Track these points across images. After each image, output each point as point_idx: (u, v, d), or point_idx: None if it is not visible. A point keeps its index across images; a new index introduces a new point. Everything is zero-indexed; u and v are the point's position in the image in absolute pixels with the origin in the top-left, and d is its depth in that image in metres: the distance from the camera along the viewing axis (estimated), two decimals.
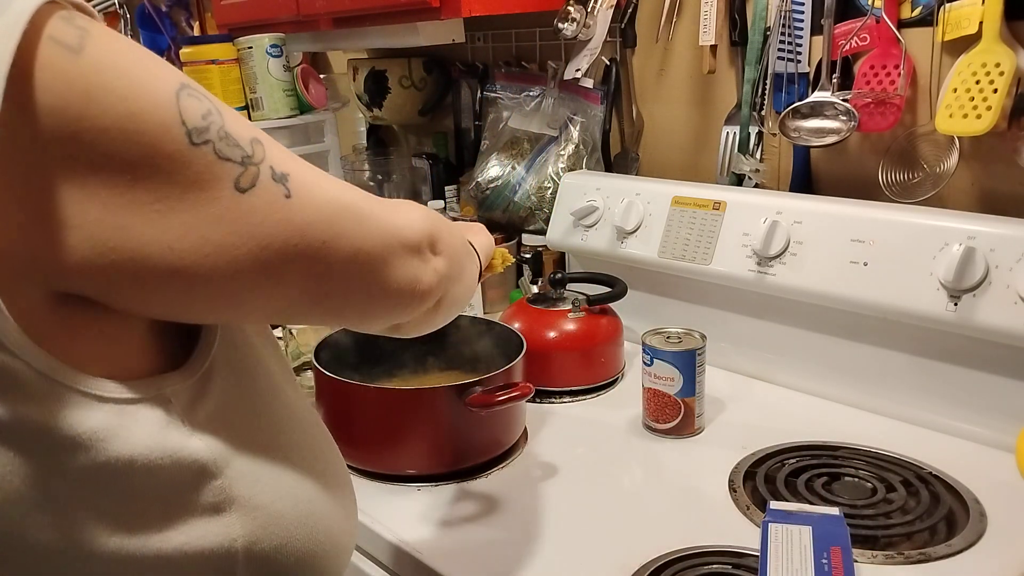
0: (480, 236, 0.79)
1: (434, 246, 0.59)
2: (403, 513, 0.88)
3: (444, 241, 0.60)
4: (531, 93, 1.51)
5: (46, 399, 0.41)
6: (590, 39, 1.35)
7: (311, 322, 0.56)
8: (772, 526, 0.76)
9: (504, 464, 0.96)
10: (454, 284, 0.63)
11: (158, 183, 0.41)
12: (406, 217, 0.56)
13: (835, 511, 0.78)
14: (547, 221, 1.41)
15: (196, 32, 2.23)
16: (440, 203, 1.46)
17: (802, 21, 1.14)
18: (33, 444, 0.41)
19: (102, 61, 0.40)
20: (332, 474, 0.57)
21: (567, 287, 1.19)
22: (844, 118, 1.08)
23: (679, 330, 1.03)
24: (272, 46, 1.58)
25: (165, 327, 0.48)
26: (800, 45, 1.15)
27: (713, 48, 1.24)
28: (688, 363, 0.98)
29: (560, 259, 1.46)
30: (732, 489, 0.88)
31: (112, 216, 0.40)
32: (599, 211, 1.28)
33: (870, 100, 1.06)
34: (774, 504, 0.80)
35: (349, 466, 0.95)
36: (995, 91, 0.94)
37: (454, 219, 1.54)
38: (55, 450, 0.41)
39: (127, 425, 0.43)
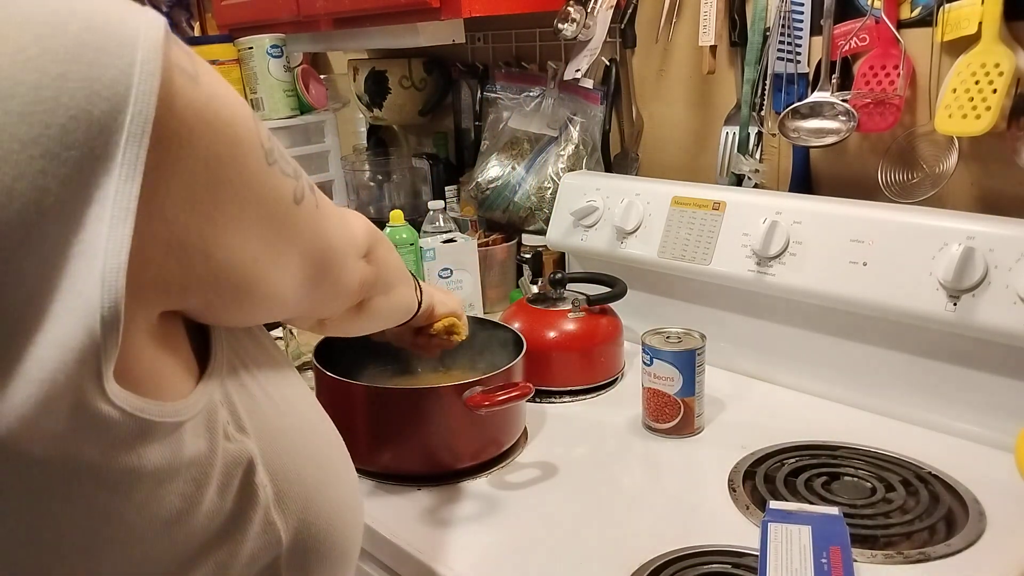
0: (442, 295, 0.90)
1: (368, 255, 0.66)
2: (403, 513, 0.88)
3: (377, 253, 0.67)
4: (531, 93, 1.51)
5: (138, 439, 0.40)
6: (590, 39, 1.35)
7: (296, 314, 0.60)
8: (772, 526, 0.76)
9: (504, 464, 0.96)
10: (380, 295, 0.70)
11: (256, 203, 0.44)
12: (356, 225, 0.64)
13: (834, 511, 0.78)
14: (547, 221, 1.41)
15: (196, 32, 2.24)
16: (440, 203, 1.46)
17: (802, 21, 1.14)
18: (123, 486, 0.40)
19: (213, 89, 0.41)
20: (345, 460, 0.59)
21: (567, 287, 1.20)
22: (843, 118, 1.08)
23: (679, 330, 1.03)
24: (272, 46, 1.58)
25: (190, 334, 0.49)
26: (800, 45, 1.15)
27: (713, 48, 1.24)
28: (688, 363, 0.98)
29: (560, 259, 1.46)
30: (732, 489, 0.88)
31: (219, 233, 0.42)
32: (599, 211, 1.28)
33: (869, 100, 1.07)
34: (773, 504, 0.80)
35: None
36: (994, 91, 0.94)
37: (454, 219, 1.55)
38: (144, 488, 0.40)
39: (198, 443, 0.43)
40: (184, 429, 0.42)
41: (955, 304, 0.92)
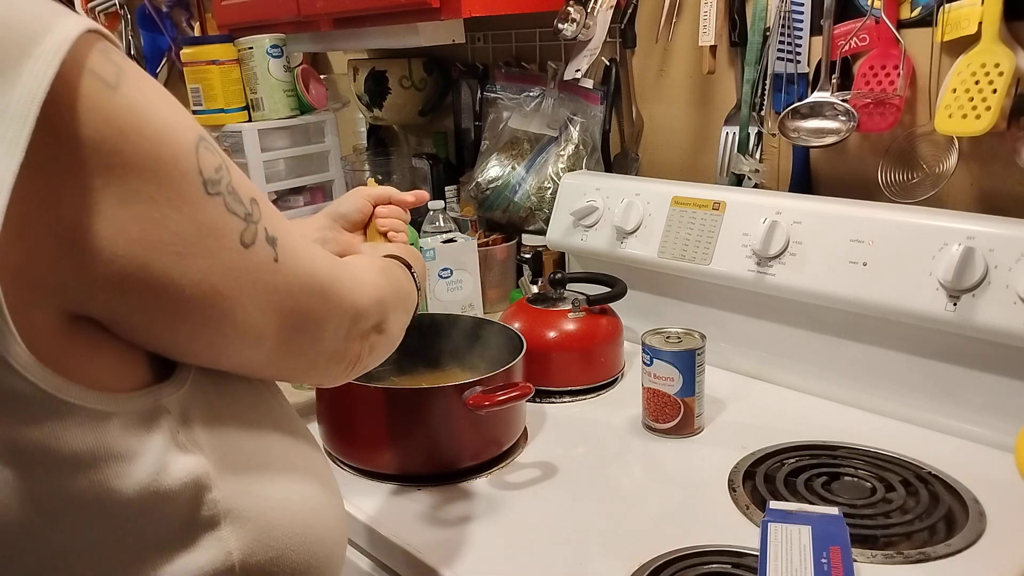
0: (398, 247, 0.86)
1: (380, 325, 0.64)
2: (403, 513, 0.88)
3: (391, 319, 0.66)
4: (531, 93, 1.51)
5: (51, 418, 0.40)
6: (590, 39, 1.35)
7: (262, 375, 0.56)
8: (772, 526, 0.76)
9: (504, 464, 0.96)
10: (383, 349, 0.68)
11: (180, 225, 0.43)
12: (362, 291, 0.60)
13: (834, 511, 0.78)
14: (547, 221, 1.41)
15: (196, 32, 2.24)
16: (440, 203, 1.46)
17: (801, 21, 1.14)
18: (35, 465, 0.40)
19: (135, 102, 0.41)
20: (320, 480, 0.57)
21: (567, 287, 1.20)
22: (843, 118, 1.08)
23: (679, 330, 1.03)
24: (272, 46, 1.58)
25: None
26: (799, 45, 1.15)
27: (713, 48, 1.24)
28: (688, 363, 0.98)
29: (560, 259, 1.46)
30: (732, 489, 0.88)
31: (136, 251, 0.41)
32: (599, 211, 1.28)
33: (869, 100, 1.07)
34: (773, 504, 0.80)
35: (349, 466, 0.96)
36: (994, 91, 0.94)
37: (454, 219, 1.55)
38: (58, 470, 0.41)
39: (131, 441, 0.43)
40: (112, 421, 0.42)
41: (955, 304, 0.92)
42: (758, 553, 0.73)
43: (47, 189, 0.38)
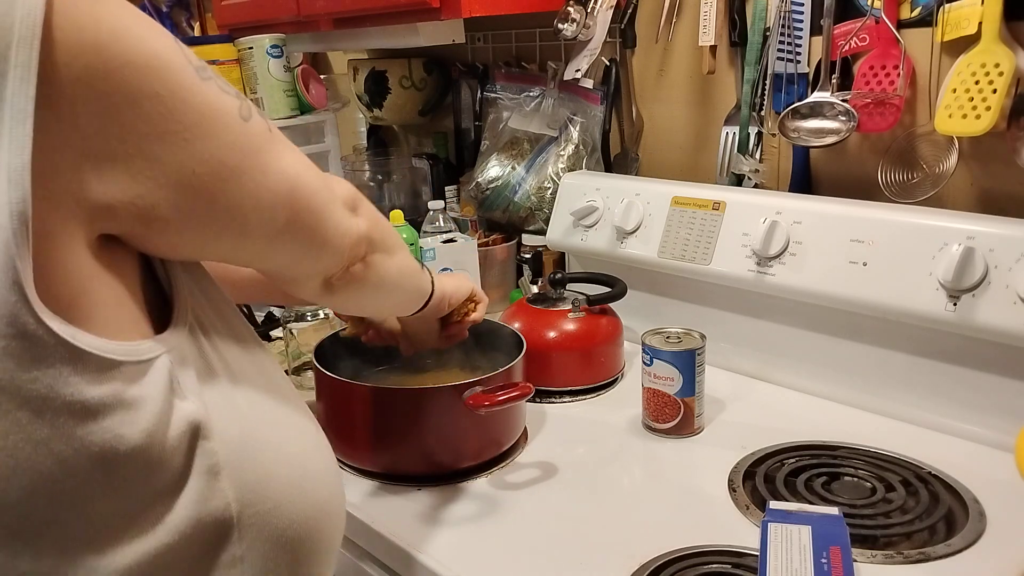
0: (453, 280, 0.90)
1: (356, 208, 0.65)
2: (403, 513, 0.88)
3: (364, 207, 0.66)
4: (531, 93, 1.51)
5: (64, 364, 0.41)
6: (590, 39, 1.35)
7: (266, 263, 0.58)
8: (772, 526, 0.76)
9: (504, 464, 0.96)
10: (381, 253, 0.68)
11: (184, 114, 0.45)
12: (335, 178, 0.63)
13: (834, 511, 0.78)
14: (547, 221, 1.41)
15: (196, 32, 2.24)
16: (440, 203, 1.46)
17: (801, 21, 1.14)
18: (47, 410, 0.41)
19: (117, 6, 0.43)
20: (313, 434, 0.58)
21: (567, 287, 1.20)
22: (843, 118, 1.08)
23: (679, 330, 1.03)
24: (272, 46, 1.58)
25: (150, 295, 0.50)
26: (799, 45, 1.15)
27: (713, 48, 1.24)
28: (688, 363, 0.98)
29: (560, 259, 1.46)
30: (732, 489, 0.88)
31: (149, 147, 0.43)
32: (599, 211, 1.28)
33: (869, 100, 1.07)
34: (773, 504, 0.80)
35: (349, 466, 0.96)
36: (994, 91, 0.94)
37: (454, 219, 1.54)
38: (70, 416, 0.41)
39: (138, 389, 0.44)
40: (119, 369, 0.43)
41: (955, 304, 0.92)
42: (758, 553, 0.73)
43: (63, 103, 0.40)
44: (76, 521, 0.43)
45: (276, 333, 1.35)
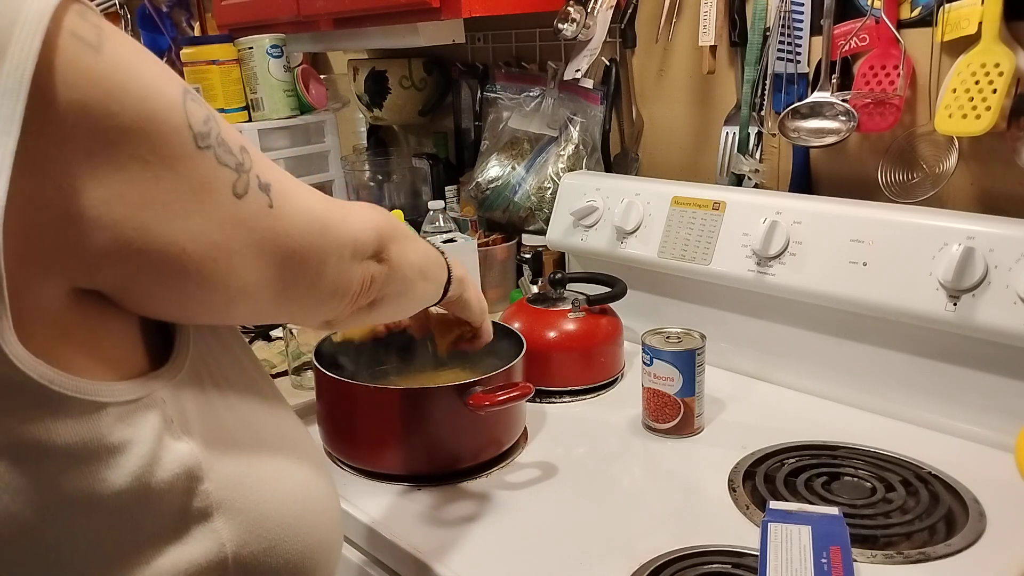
0: (478, 296, 0.87)
1: (381, 253, 0.62)
2: (403, 513, 0.88)
3: (391, 251, 0.63)
4: (531, 93, 1.51)
5: (42, 409, 0.40)
6: (590, 39, 1.35)
7: (266, 320, 0.57)
8: (772, 526, 0.76)
9: (504, 464, 0.96)
10: (395, 288, 0.66)
11: (174, 183, 0.42)
12: (359, 223, 0.60)
13: (834, 511, 0.78)
14: (547, 221, 1.41)
15: (196, 32, 2.24)
16: (440, 203, 1.46)
17: (801, 21, 1.14)
18: (27, 458, 0.40)
19: (120, 60, 0.40)
20: (314, 472, 0.57)
21: (567, 287, 1.20)
22: (843, 118, 1.08)
23: (679, 330, 1.03)
24: (272, 46, 1.58)
25: (149, 330, 0.48)
26: (799, 45, 1.15)
27: (713, 48, 1.24)
28: (688, 363, 0.98)
29: (560, 259, 1.46)
30: (732, 489, 0.88)
31: (134, 214, 0.41)
32: (599, 211, 1.28)
33: (869, 100, 1.07)
34: (773, 504, 0.80)
35: (349, 466, 0.96)
36: (994, 91, 0.94)
37: (454, 219, 1.55)
38: (50, 462, 0.40)
39: (125, 431, 0.43)
40: (105, 412, 0.42)
41: (955, 304, 0.92)
42: (758, 553, 0.73)
43: (44, 160, 0.38)
44: (58, 569, 0.42)
45: (276, 333, 1.35)
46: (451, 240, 1.35)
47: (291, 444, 0.56)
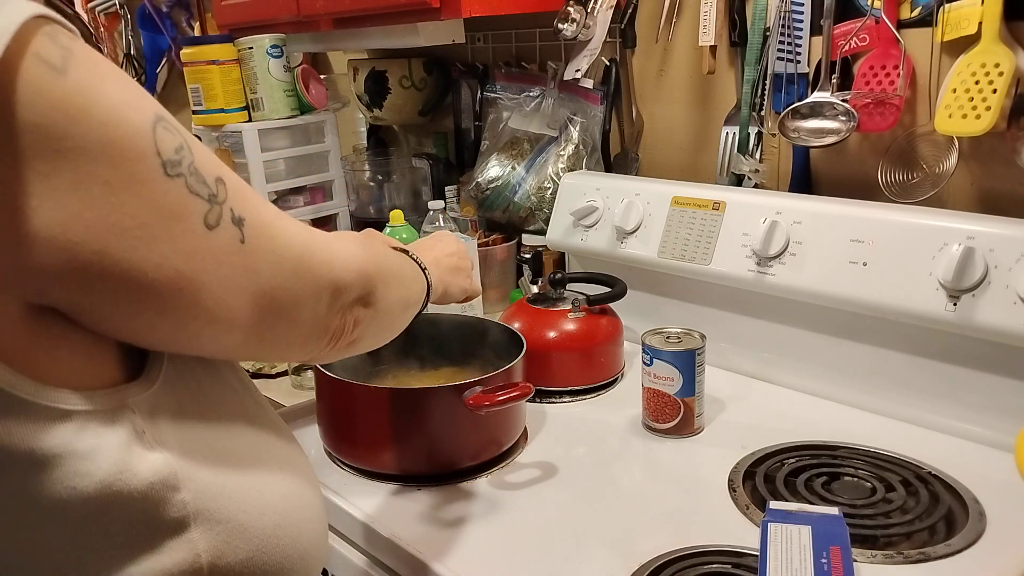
0: (458, 279, 0.90)
1: (367, 297, 0.61)
2: (403, 513, 0.88)
3: (380, 292, 0.62)
4: (531, 93, 1.51)
5: (8, 415, 0.40)
6: (590, 39, 1.35)
7: (240, 358, 0.55)
8: (772, 526, 0.76)
9: (504, 464, 0.96)
10: (378, 326, 0.65)
11: (138, 209, 0.42)
12: (344, 265, 0.57)
13: (834, 511, 0.78)
14: (547, 221, 1.41)
15: (196, 32, 2.24)
16: (440, 203, 1.46)
17: (801, 22, 1.14)
18: None
19: (85, 84, 0.40)
20: (297, 479, 0.56)
21: (567, 287, 1.20)
22: (843, 118, 1.08)
23: (679, 330, 1.03)
24: (272, 46, 1.58)
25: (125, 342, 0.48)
26: (799, 45, 1.15)
27: (713, 48, 1.24)
28: (688, 363, 0.98)
29: (560, 259, 1.46)
30: (732, 489, 0.88)
31: (94, 237, 0.40)
32: (599, 211, 1.28)
33: (869, 100, 1.07)
34: (773, 504, 0.80)
35: (349, 466, 0.96)
36: (994, 91, 0.94)
37: (454, 219, 1.55)
38: (19, 470, 0.40)
39: (92, 440, 0.43)
40: (71, 419, 0.42)
41: (955, 304, 0.92)
42: (758, 553, 0.73)
43: (7, 176, 0.38)
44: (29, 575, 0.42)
45: None
46: None
47: (275, 456, 0.55)
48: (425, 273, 0.79)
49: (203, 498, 0.47)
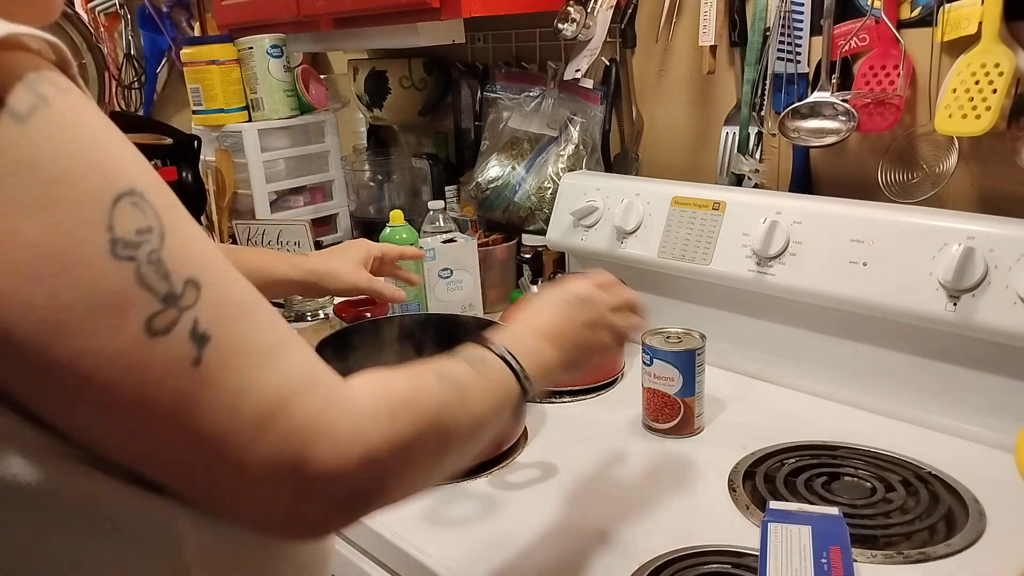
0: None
1: (372, 491, 0.45)
2: (403, 513, 0.87)
3: (397, 480, 0.46)
4: (531, 93, 1.51)
5: None
6: (590, 39, 1.35)
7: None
8: (772, 526, 0.76)
9: (504, 464, 0.96)
10: (409, 489, 0.49)
11: (61, 288, 0.36)
12: (337, 451, 0.42)
13: (834, 511, 0.78)
14: (547, 221, 1.41)
15: (196, 32, 2.24)
16: (440, 203, 1.46)
17: (801, 22, 1.14)
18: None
19: (42, 137, 0.36)
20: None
21: None
22: (843, 118, 1.08)
23: (679, 330, 1.03)
24: (272, 46, 1.58)
25: None
26: (799, 45, 1.15)
27: (713, 48, 1.24)
28: (688, 363, 0.98)
29: (560, 259, 1.46)
30: (732, 489, 0.88)
31: (3, 305, 0.35)
32: (599, 211, 1.28)
33: (869, 100, 1.07)
34: (773, 504, 0.80)
35: None
36: (994, 91, 0.94)
37: (454, 219, 1.54)
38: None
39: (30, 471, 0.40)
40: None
41: (955, 304, 0.92)
42: (758, 553, 0.73)
43: None
44: None
45: None
46: (451, 240, 1.35)
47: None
48: (520, 378, 0.59)
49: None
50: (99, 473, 0.41)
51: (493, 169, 1.53)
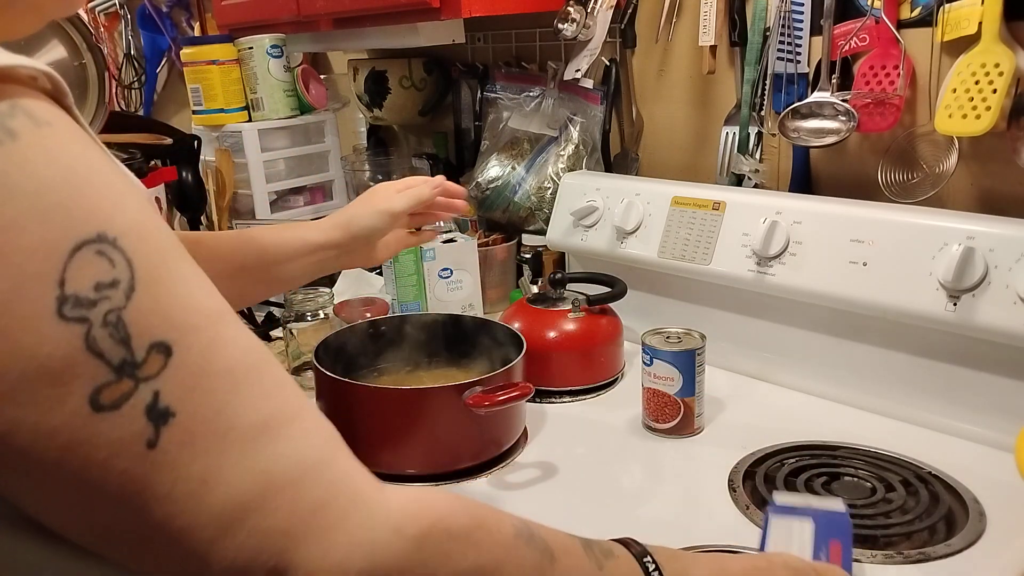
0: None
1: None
2: None
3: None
4: (531, 93, 1.51)
5: None
6: (590, 39, 1.35)
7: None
8: (773, 520, 0.75)
9: (504, 464, 0.96)
10: None
11: (7, 361, 0.31)
12: (359, 538, 0.39)
13: (841, 507, 0.78)
14: (547, 221, 1.41)
15: (196, 32, 2.24)
16: None
17: (801, 22, 1.14)
18: None
19: (2, 169, 0.32)
20: None
21: (567, 287, 1.19)
22: (843, 118, 1.08)
23: (679, 330, 1.03)
24: (272, 46, 1.58)
25: None
26: (799, 46, 1.15)
27: (713, 48, 1.24)
28: (688, 363, 0.98)
29: (560, 259, 1.46)
30: (732, 489, 0.88)
31: None
32: (599, 211, 1.28)
33: (869, 100, 1.07)
34: (779, 497, 0.79)
35: None
36: (994, 91, 0.94)
37: (454, 219, 1.54)
38: None
39: None
40: None
41: (955, 304, 0.92)
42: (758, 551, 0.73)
43: None
44: None
45: (276, 333, 1.35)
46: (451, 240, 1.35)
47: None
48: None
49: None
50: (24, 533, 0.36)
51: (493, 169, 1.53)
